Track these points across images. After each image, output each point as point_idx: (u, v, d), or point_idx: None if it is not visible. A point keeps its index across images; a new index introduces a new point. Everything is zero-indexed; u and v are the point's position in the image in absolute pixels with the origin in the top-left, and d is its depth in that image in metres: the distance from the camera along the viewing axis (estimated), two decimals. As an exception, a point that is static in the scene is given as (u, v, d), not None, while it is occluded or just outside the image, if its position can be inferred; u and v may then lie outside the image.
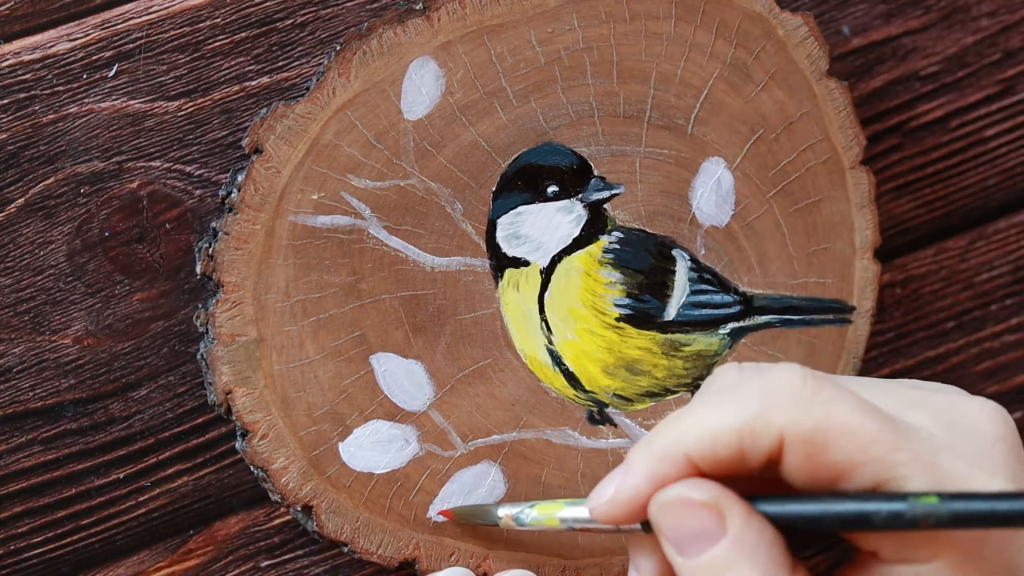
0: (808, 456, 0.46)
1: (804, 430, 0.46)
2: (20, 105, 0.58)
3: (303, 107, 0.57)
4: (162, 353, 0.59)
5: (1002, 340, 0.68)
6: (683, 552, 0.47)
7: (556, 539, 0.61)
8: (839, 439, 0.46)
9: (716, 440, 0.47)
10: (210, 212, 0.59)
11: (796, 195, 0.62)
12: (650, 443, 0.48)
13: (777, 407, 0.46)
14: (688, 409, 0.49)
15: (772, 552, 0.47)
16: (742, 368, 0.50)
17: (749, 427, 0.47)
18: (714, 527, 0.47)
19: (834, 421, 0.46)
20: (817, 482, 0.47)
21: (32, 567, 0.59)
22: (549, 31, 0.59)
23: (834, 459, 0.46)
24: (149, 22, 0.59)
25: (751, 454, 0.47)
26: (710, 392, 0.50)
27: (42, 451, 0.59)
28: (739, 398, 0.47)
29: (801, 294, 0.63)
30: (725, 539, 0.47)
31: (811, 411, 0.46)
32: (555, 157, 0.60)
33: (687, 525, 0.47)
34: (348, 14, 0.60)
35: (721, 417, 0.47)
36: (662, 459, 0.48)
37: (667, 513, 0.48)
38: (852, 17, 0.65)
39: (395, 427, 0.59)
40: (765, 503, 0.47)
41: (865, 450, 0.46)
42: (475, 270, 0.59)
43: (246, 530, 0.61)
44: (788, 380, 0.47)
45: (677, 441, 0.48)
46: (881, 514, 0.45)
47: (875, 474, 0.46)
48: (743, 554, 0.47)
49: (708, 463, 0.47)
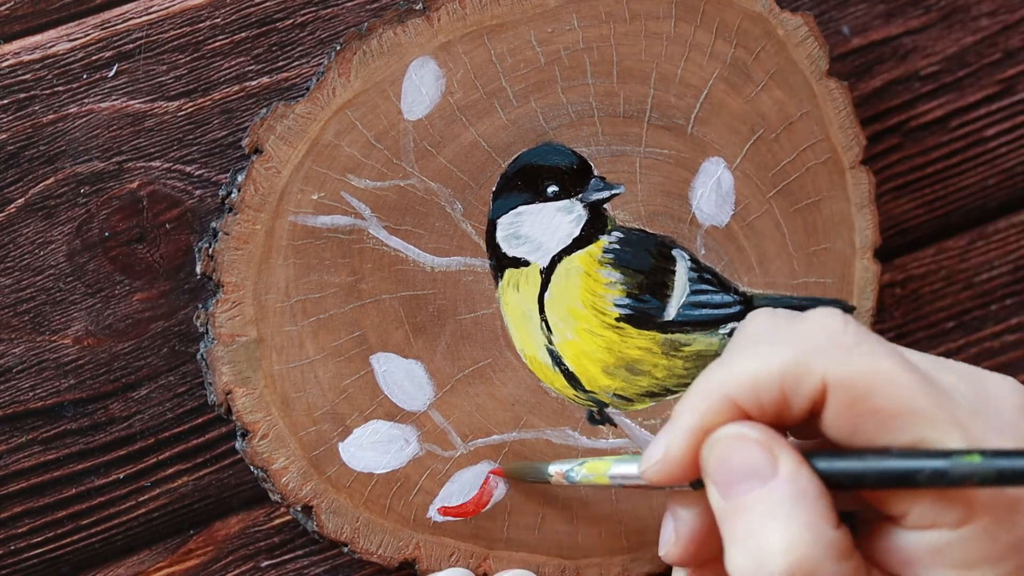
0: (851, 402, 0.45)
1: (847, 375, 0.45)
2: (20, 105, 0.58)
3: (303, 107, 0.57)
4: (162, 353, 0.59)
5: (1002, 340, 0.68)
6: (730, 493, 0.46)
7: (556, 539, 0.61)
8: (882, 387, 0.45)
9: (758, 384, 0.46)
10: (210, 212, 0.59)
11: (796, 195, 0.62)
12: (693, 394, 0.47)
13: (819, 351, 0.46)
14: (727, 357, 0.48)
15: (819, 503, 0.46)
16: (775, 313, 0.49)
17: (791, 371, 0.46)
18: (766, 466, 0.46)
19: (877, 369, 0.45)
20: (857, 433, 0.46)
21: (32, 567, 0.59)
22: (549, 31, 0.59)
23: (878, 406, 0.45)
24: (149, 22, 0.59)
25: (794, 399, 0.46)
26: (747, 338, 0.48)
27: (42, 451, 0.59)
28: (779, 343, 0.46)
29: (801, 294, 0.63)
30: (775, 480, 0.46)
31: (853, 358, 0.46)
32: (555, 157, 0.60)
33: (739, 462, 0.46)
34: (348, 14, 0.60)
35: (762, 361, 0.46)
36: (708, 407, 0.47)
37: (718, 449, 0.46)
38: (852, 17, 0.65)
39: (395, 427, 0.59)
40: (813, 457, 0.46)
41: (909, 401, 0.45)
42: (475, 270, 0.59)
43: (246, 530, 0.61)
44: (828, 325, 0.46)
45: (719, 387, 0.47)
46: (925, 471, 0.44)
47: (916, 427, 0.45)
48: (791, 498, 0.45)
49: (753, 408, 0.46)
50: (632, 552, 0.61)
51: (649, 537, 0.61)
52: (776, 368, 0.46)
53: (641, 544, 0.61)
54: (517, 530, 0.60)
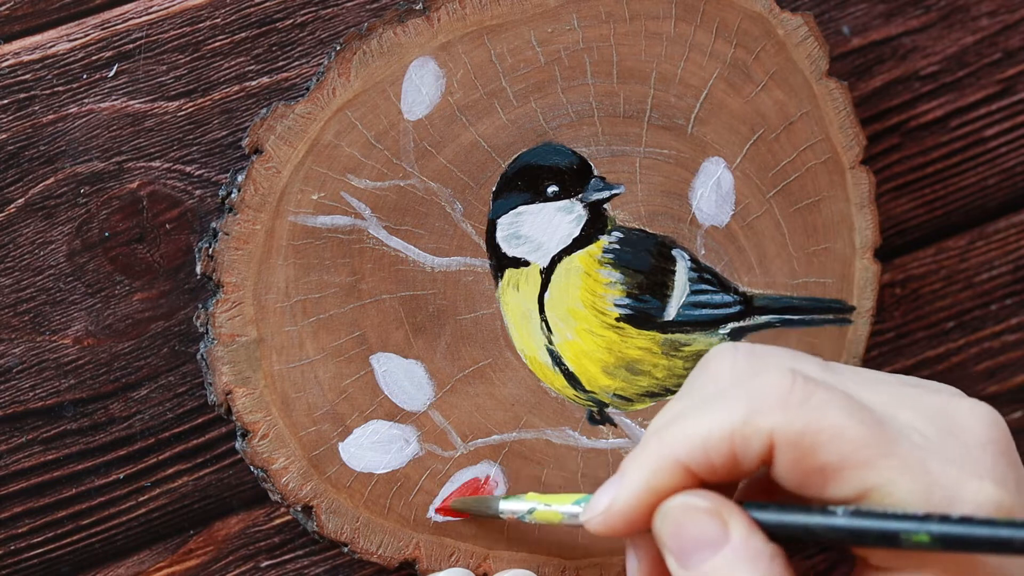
0: (797, 459, 0.46)
1: (793, 433, 0.46)
2: (20, 105, 0.58)
3: (303, 107, 0.57)
4: (162, 353, 0.59)
5: (1002, 340, 0.68)
6: (686, 561, 0.47)
7: (556, 539, 0.61)
8: (828, 442, 0.46)
9: (708, 445, 0.47)
10: (210, 212, 0.59)
11: (796, 195, 0.62)
12: (642, 453, 0.48)
13: (766, 410, 0.46)
14: (676, 412, 0.48)
15: (774, 562, 0.46)
16: (735, 356, 0.49)
17: (740, 431, 0.46)
18: (717, 534, 0.47)
19: (823, 424, 0.46)
20: (807, 485, 0.47)
21: (32, 567, 0.59)
22: (549, 31, 0.59)
23: (823, 462, 0.46)
24: (149, 22, 0.59)
25: (744, 458, 0.47)
26: (698, 389, 0.49)
27: (42, 451, 0.59)
28: (729, 401, 0.47)
29: (801, 294, 0.63)
30: (728, 546, 0.47)
31: (800, 415, 0.46)
32: (555, 157, 0.60)
33: (690, 533, 0.47)
34: (348, 14, 0.60)
35: (711, 422, 0.47)
36: (657, 469, 0.47)
37: (670, 521, 0.47)
38: (852, 17, 0.65)
39: (395, 427, 0.59)
40: (761, 512, 0.47)
41: (854, 454, 0.46)
42: (475, 270, 0.59)
43: (246, 530, 0.61)
44: (778, 382, 0.47)
45: (670, 450, 0.47)
46: (873, 535, 0.45)
47: (864, 479, 0.46)
48: (746, 562, 0.46)
49: (703, 469, 0.47)
50: (632, 552, 0.61)
51: (649, 537, 0.62)
52: (727, 430, 0.47)
53: (641, 544, 0.61)
54: (517, 530, 0.60)
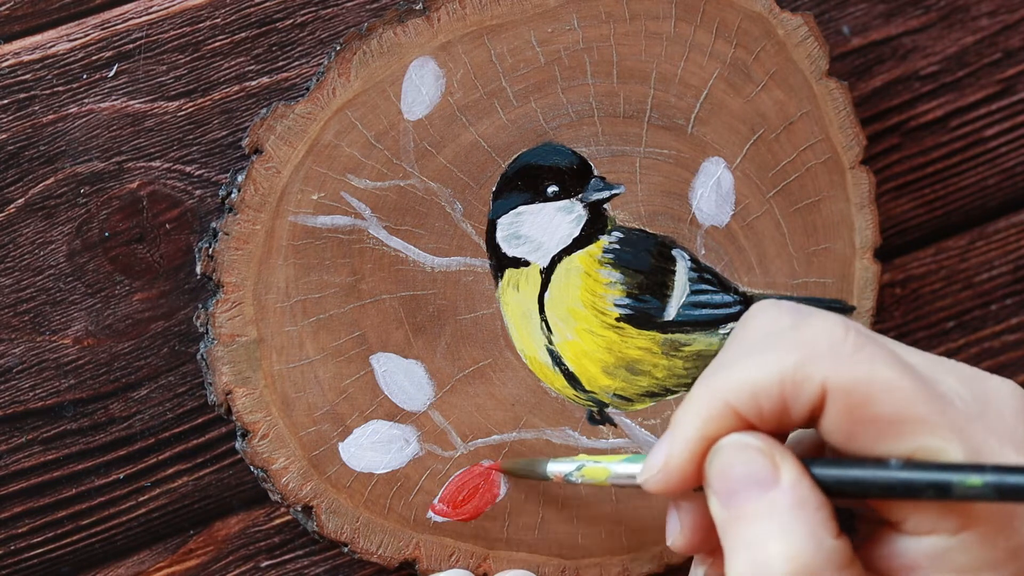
0: (850, 409, 0.45)
1: (846, 382, 0.45)
2: (20, 105, 0.58)
3: (303, 107, 0.57)
4: (162, 353, 0.59)
5: (1002, 340, 0.68)
6: (731, 502, 0.46)
7: (556, 539, 0.61)
8: (881, 394, 0.45)
9: (758, 392, 0.46)
10: (210, 212, 0.59)
11: (796, 195, 0.62)
12: (692, 401, 0.47)
13: (818, 358, 0.46)
14: (726, 359, 0.48)
15: (820, 512, 0.46)
16: (779, 310, 0.48)
17: (791, 377, 0.46)
18: (768, 475, 0.46)
19: (877, 376, 0.45)
20: (855, 438, 0.46)
21: (32, 567, 0.59)
22: (549, 31, 0.59)
23: (876, 413, 0.45)
24: (149, 22, 0.59)
25: (794, 406, 0.46)
26: (748, 340, 0.48)
27: (42, 451, 0.59)
28: (780, 348, 0.46)
29: (801, 294, 0.63)
30: (777, 488, 0.46)
31: (853, 365, 0.45)
32: (555, 157, 0.60)
33: (740, 471, 0.46)
34: (348, 14, 0.60)
35: (762, 368, 0.46)
36: (708, 415, 0.47)
37: (721, 457, 0.46)
38: (852, 17, 0.65)
39: (395, 427, 0.59)
40: (814, 465, 0.46)
41: (907, 408, 0.45)
42: (475, 270, 0.59)
43: (246, 530, 0.61)
44: (830, 331, 0.46)
45: (721, 394, 0.46)
46: (928, 486, 0.44)
47: (914, 434, 0.45)
48: (793, 507, 0.45)
49: (753, 415, 0.46)
50: (632, 552, 0.61)
51: (649, 537, 0.61)
52: (776, 375, 0.46)
53: (641, 544, 0.61)
54: (517, 530, 0.60)
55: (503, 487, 0.60)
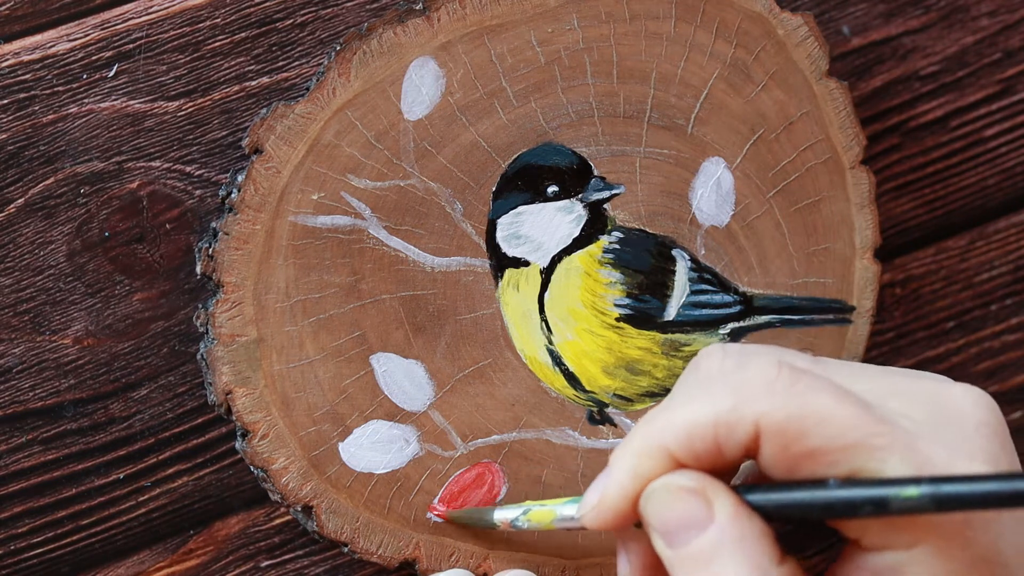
0: (784, 446, 0.46)
1: (778, 420, 0.46)
2: (20, 105, 0.58)
3: (303, 107, 0.57)
4: (162, 353, 0.59)
5: (1002, 340, 0.68)
6: (671, 542, 0.47)
7: (556, 539, 0.61)
8: (815, 427, 0.46)
9: (692, 433, 0.47)
10: (210, 212, 0.59)
11: (796, 195, 0.62)
12: (629, 443, 0.48)
13: (751, 399, 0.46)
14: (664, 405, 0.49)
15: (761, 542, 0.46)
16: (725, 354, 0.49)
17: (724, 419, 0.46)
18: (702, 515, 0.47)
19: (809, 409, 0.46)
20: (795, 472, 0.46)
21: (32, 567, 0.59)
22: (549, 31, 0.59)
23: (811, 446, 0.46)
24: (149, 22, 0.59)
25: (727, 446, 0.47)
26: (687, 384, 0.49)
27: (42, 451, 0.59)
28: (714, 391, 0.47)
29: (801, 294, 0.63)
30: (713, 527, 0.47)
31: (786, 401, 0.46)
32: (555, 157, 0.60)
33: (675, 513, 0.47)
34: (348, 14, 0.60)
35: (696, 411, 0.47)
36: (642, 456, 0.48)
37: (654, 502, 0.47)
38: (852, 17, 0.65)
39: (395, 427, 0.59)
40: (751, 493, 0.47)
41: (842, 436, 0.45)
42: (475, 270, 0.59)
43: (246, 530, 0.61)
44: (763, 371, 0.47)
45: (655, 437, 0.48)
46: (866, 503, 0.45)
47: (853, 460, 0.45)
48: (731, 542, 0.46)
49: (687, 456, 0.47)
50: (632, 552, 0.61)
51: (649, 537, 0.62)
52: (711, 418, 0.47)
53: (641, 544, 0.61)
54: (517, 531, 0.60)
55: (503, 487, 0.60)
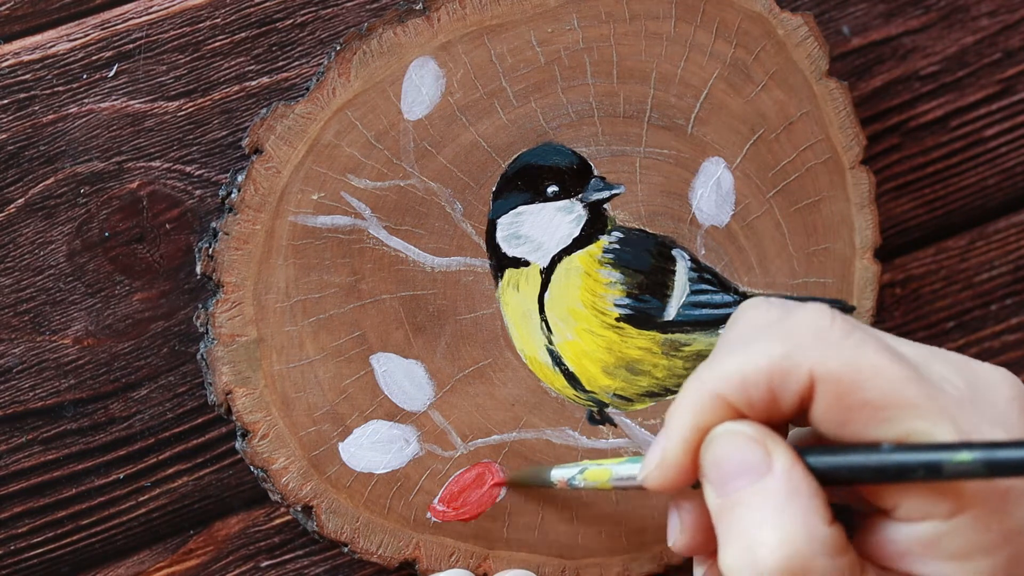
0: (838, 396, 0.45)
1: (834, 369, 0.45)
2: (20, 105, 0.58)
3: (303, 107, 0.57)
4: (162, 353, 0.59)
5: (1002, 340, 0.68)
6: (725, 489, 0.46)
7: (556, 539, 0.61)
8: (869, 379, 0.45)
9: (747, 381, 0.46)
10: (210, 212, 0.59)
11: (796, 195, 0.62)
12: (684, 395, 0.47)
13: (805, 347, 0.46)
14: (716, 354, 0.48)
15: (814, 500, 0.46)
16: (768, 305, 0.49)
17: (778, 367, 0.46)
18: (760, 462, 0.46)
19: (864, 362, 0.45)
20: (846, 425, 0.46)
21: (32, 567, 0.59)
22: (549, 31, 0.59)
23: (865, 398, 0.45)
24: (149, 22, 0.59)
25: (782, 395, 0.46)
26: (737, 334, 0.49)
27: (42, 451, 0.59)
28: (767, 339, 0.47)
29: (801, 294, 0.63)
30: (770, 476, 0.46)
31: (840, 351, 0.46)
32: (555, 157, 0.60)
33: (735, 459, 0.46)
34: (348, 14, 0.60)
35: (750, 359, 0.46)
36: (699, 408, 0.47)
37: (715, 447, 0.47)
38: (852, 17, 0.65)
39: (395, 427, 0.59)
40: (808, 454, 0.47)
41: (897, 392, 0.45)
42: (475, 270, 0.59)
43: (246, 530, 0.61)
44: (815, 320, 0.46)
45: (711, 386, 0.47)
46: (919, 467, 0.44)
47: (905, 419, 0.45)
48: (786, 494, 0.45)
49: (743, 405, 0.47)
50: (632, 552, 0.61)
51: (649, 537, 0.61)
52: (764, 365, 0.46)
53: (641, 544, 0.61)
54: (517, 530, 0.60)
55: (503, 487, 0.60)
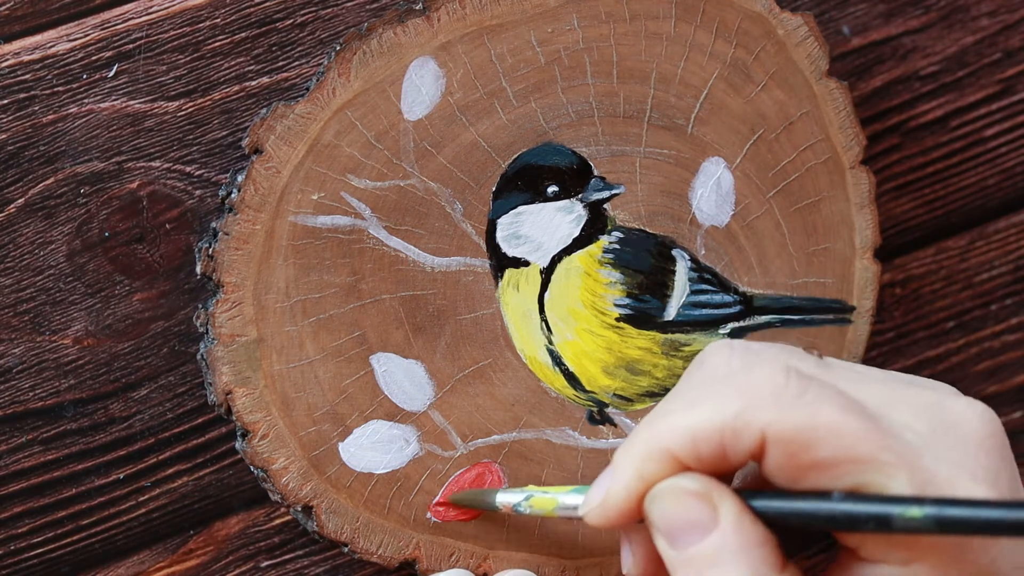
0: (790, 455, 0.46)
1: (786, 430, 0.46)
2: (20, 105, 0.58)
3: (303, 107, 0.57)
4: (162, 353, 0.59)
5: (1002, 340, 0.68)
6: (674, 544, 0.47)
7: (556, 539, 0.61)
8: (823, 439, 0.45)
9: (697, 438, 0.47)
10: (210, 212, 0.59)
11: (796, 195, 0.62)
12: (633, 443, 0.48)
13: (759, 406, 0.46)
14: (668, 404, 0.48)
15: (763, 548, 0.46)
16: (731, 352, 0.49)
17: (730, 426, 0.46)
18: (706, 518, 0.47)
19: (818, 421, 0.45)
20: (799, 481, 0.46)
21: (32, 567, 0.59)
22: (549, 31, 0.59)
23: (817, 458, 0.45)
24: (149, 22, 0.59)
25: (733, 452, 0.46)
26: (692, 383, 0.49)
27: (42, 451, 0.59)
28: (722, 395, 0.47)
29: (801, 294, 0.63)
30: (717, 531, 0.46)
31: (794, 411, 0.46)
32: (555, 157, 0.60)
33: (679, 516, 0.47)
34: (348, 14, 0.60)
35: (702, 415, 0.47)
36: (647, 458, 0.47)
37: (660, 503, 0.47)
38: (852, 17, 0.65)
39: (395, 427, 0.59)
40: (755, 498, 0.47)
41: (850, 449, 0.45)
42: (475, 270, 0.59)
43: (246, 530, 0.61)
44: (771, 378, 0.46)
45: (659, 440, 0.47)
46: (869, 519, 0.44)
47: (859, 474, 0.45)
48: (734, 548, 0.46)
49: (691, 460, 0.47)
50: (632, 552, 0.61)
51: (649, 537, 0.61)
52: (717, 423, 0.46)
53: (641, 544, 0.61)
54: (517, 530, 0.60)
55: (504, 486, 0.60)
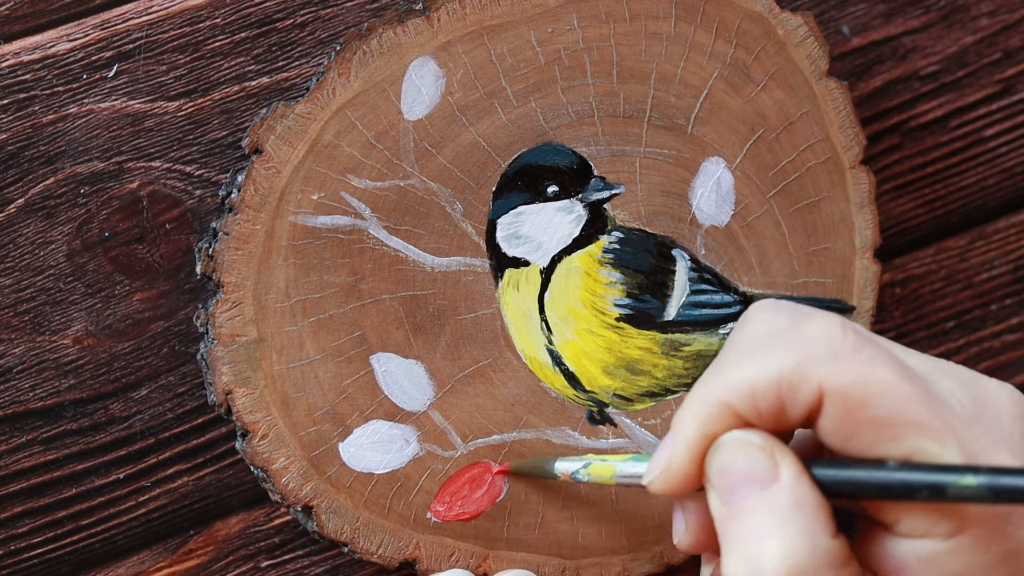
0: (847, 411, 0.45)
1: (843, 384, 0.45)
2: (20, 105, 0.58)
3: (303, 107, 0.57)
4: (162, 353, 0.59)
5: (1002, 340, 0.68)
6: (730, 498, 0.46)
7: (556, 539, 0.61)
8: (878, 397, 0.45)
9: (756, 391, 0.46)
10: (210, 212, 0.59)
11: (796, 195, 0.62)
12: (691, 403, 0.47)
13: (816, 359, 0.46)
14: (725, 360, 0.48)
15: (819, 511, 0.46)
16: (778, 309, 0.48)
17: (788, 379, 0.46)
18: (767, 472, 0.46)
19: (874, 378, 0.45)
20: (852, 440, 0.46)
21: (32, 567, 0.59)
22: (549, 31, 0.59)
23: (873, 415, 0.45)
24: (149, 22, 0.59)
25: (791, 406, 0.46)
26: (746, 337, 0.48)
27: (42, 451, 0.59)
28: (778, 348, 0.46)
29: (801, 294, 0.63)
30: (776, 486, 0.46)
31: (851, 366, 0.45)
32: (555, 157, 0.60)
33: (741, 466, 0.46)
34: (348, 14, 0.60)
35: (760, 369, 0.46)
36: (708, 414, 0.47)
37: (722, 454, 0.47)
38: (852, 17, 0.65)
39: (395, 427, 0.59)
40: (814, 466, 0.47)
41: (904, 412, 0.45)
42: (475, 270, 0.59)
43: (246, 530, 0.61)
44: (828, 332, 0.46)
45: (719, 394, 0.47)
46: (924, 487, 0.44)
47: (912, 438, 0.45)
48: (792, 503, 0.45)
49: (751, 414, 0.46)
50: (632, 552, 0.61)
51: (649, 537, 0.61)
52: (774, 376, 0.46)
53: (641, 544, 0.61)
54: (517, 530, 0.60)
55: (504, 487, 0.60)
